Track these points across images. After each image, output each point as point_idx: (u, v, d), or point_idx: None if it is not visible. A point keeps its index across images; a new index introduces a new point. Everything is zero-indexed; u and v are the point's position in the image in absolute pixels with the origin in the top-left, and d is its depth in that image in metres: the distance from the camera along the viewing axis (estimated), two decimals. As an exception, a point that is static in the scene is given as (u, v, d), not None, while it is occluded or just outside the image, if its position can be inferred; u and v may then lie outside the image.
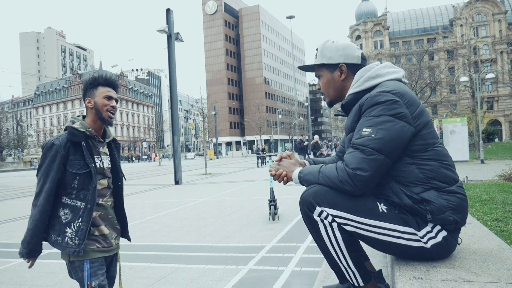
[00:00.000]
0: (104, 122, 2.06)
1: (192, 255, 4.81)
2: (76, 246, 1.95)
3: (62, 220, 1.95)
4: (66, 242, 1.94)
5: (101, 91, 2.04)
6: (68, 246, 1.94)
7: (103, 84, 2.06)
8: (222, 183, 15.58)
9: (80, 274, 1.95)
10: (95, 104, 2.03)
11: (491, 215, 4.15)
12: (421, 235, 1.63)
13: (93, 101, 2.04)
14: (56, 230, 1.96)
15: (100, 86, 2.05)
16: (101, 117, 2.04)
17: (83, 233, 1.96)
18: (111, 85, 2.09)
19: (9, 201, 13.24)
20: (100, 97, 2.03)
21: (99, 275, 1.97)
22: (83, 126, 2.00)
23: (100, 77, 2.06)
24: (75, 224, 1.95)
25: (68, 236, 1.94)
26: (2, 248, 5.83)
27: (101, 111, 2.03)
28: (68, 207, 1.95)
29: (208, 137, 61.69)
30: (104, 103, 2.03)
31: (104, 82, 2.06)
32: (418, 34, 71.36)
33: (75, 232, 1.94)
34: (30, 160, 52.90)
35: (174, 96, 16.75)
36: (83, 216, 1.96)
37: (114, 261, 2.18)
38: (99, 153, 2.07)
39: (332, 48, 1.90)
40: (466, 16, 41.68)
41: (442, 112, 44.38)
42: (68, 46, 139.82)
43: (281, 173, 1.87)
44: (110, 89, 2.07)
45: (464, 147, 18.32)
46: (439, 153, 1.69)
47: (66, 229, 1.94)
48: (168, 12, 16.51)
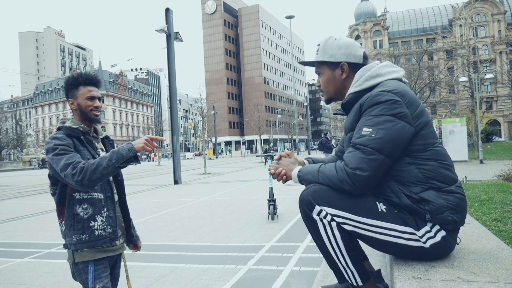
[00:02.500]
0: (92, 122, 2.04)
1: (191, 255, 4.81)
2: (111, 233, 1.96)
3: (83, 217, 1.89)
4: (96, 236, 1.90)
5: (82, 92, 1.99)
6: (100, 238, 1.91)
7: (84, 84, 2.00)
8: (221, 182, 15.58)
9: (84, 277, 1.91)
10: (79, 106, 1.99)
11: (490, 215, 4.16)
12: (420, 234, 1.63)
13: (76, 103, 2.00)
14: (78, 229, 1.88)
15: (81, 86, 1.99)
16: (87, 117, 2.01)
17: (114, 220, 1.98)
18: (92, 83, 2.03)
19: (8, 201, 13.22)
20: (82, 98, 1.99)
21: (103, 278, 1.94)
22: (75, 123, 1.98)
23: (79, 77, 2.00)
24: (103, 215, 1.93)
25: (98, 228, 1.91)
26: (2, 248, 5.82)
27: (86, 112, 1.99)
28: (86, 202, 1.90)
29: (207, 137, 61.67)
30: (87, 104, 1.99)
31: (85, 81, 2.00)
32: (418, 34, 71.42)
33: (105, 222, 1.93)
34: (29, 159, 52.83)
35: (173, 96, 16.75)
36: (107, 205, 1.96)
37: (118, 262, 2.16)
38: (97, 148, 2.06)
39: (335, 46, 1.88)
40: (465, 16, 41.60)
41: (441, 112, 44.42)
42: (67, 45, 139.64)
43: (281, 172, 1.87)
44: (91, 87, 2.01)
45: (463, 147, 18.34)
46: (439, 153, 1.69)
47: (91, 224, 1.90)
48: (167, 11, 16.50)
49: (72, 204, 1.89)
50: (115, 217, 2.01)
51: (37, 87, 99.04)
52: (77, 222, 1.88)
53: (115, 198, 2.07)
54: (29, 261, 4.99)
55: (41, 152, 57.92)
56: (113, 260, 2.09)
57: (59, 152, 1.82)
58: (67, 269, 4.47)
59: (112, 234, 1.96)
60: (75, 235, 1.88)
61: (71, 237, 1.89)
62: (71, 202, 1.89)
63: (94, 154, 1.98)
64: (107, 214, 1.95)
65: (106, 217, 1.94)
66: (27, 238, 6.48)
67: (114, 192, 2.05)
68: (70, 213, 1.89)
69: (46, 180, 8.92)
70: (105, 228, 1.93)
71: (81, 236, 1.88)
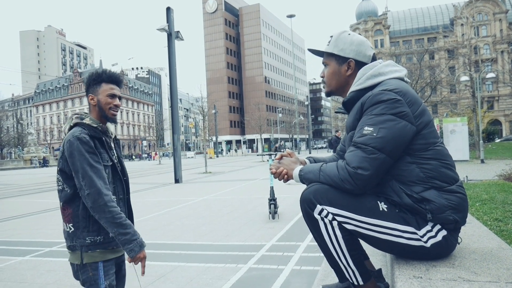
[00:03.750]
0: (108, 120, 2.01)
1: (191, 254, 4.82)
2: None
3: None
4: (111, 237, 1.88)
5: (104, 88, 1.97)
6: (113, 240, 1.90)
7: (107, 81, 1.98)
8: (222, 181, 15.59)
9: (91, 274, 1.87)
10: (98, 102, 1.97)
11: (491, 215, 4.15)
12: (421, 234, 1.63)
13: (96, 99, 1.97)
14: (94, 230, 1.86)
15: (104, 83, 1.97)
16: (104, 115, 1.98)
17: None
18: (115, 81, 2.01)
19: (10, 199, 13.24)
20: (103, 94, 1.96)
21: (110, 275, 1.92)
22: (94, 122, 1.95)
23: (103, 73, 1.99)
24: None
25: None
26: (3, 246, 5.83)
27: (104, 109, 1.97)
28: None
29: (208, 136, 61.70)
30: (107, 101, 1.96)
31: (108, 79, 1.98)
32: (419, 33, 71.30)
33: None
34: (30, 158, 52.89)
35: (174, 95, 16.75)
36: (120, 207, 1.97)
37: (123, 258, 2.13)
38: (112, 148, 2.05)
39: (347, 41, 1.87)
40: (467, 15, 41.61)
41: (443, 111, 44.35)
42: (68, 44, 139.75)
43: (282, 171, 1.87)
44: (113, 86, 2.00)
45: (464, 146, 18.31)
46: (440, 153, 1.69)
47: None
48: (168, 10, 16.49)
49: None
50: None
51: (38, 86, 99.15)
52: (93, 224, 1.86)
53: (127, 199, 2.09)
54: (30, 259, 5.00)
55: (42, 151, 58.02)
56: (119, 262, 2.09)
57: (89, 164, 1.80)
58: (68, 268, 4.48)
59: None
60: (90, 237, 1.85)
61: (84, 238, 1.85)
62: None
63: (111, 155, 1.98)
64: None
65: None
66: (28, 236, 6.49)
67: (125, 194, 2.07)
68: (85, 214, 1.85)
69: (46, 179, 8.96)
70: None
71: (96, 237, 1.86)
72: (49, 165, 52.37)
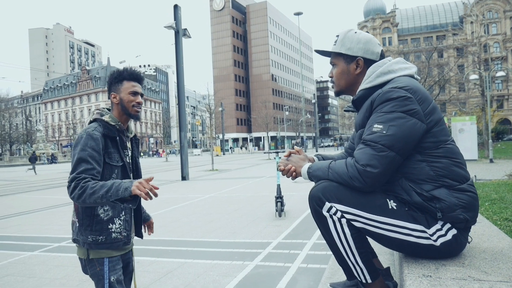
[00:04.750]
0: (132, 117, 2.01)
1: (198, 250, 4.84)
2: (125, 237, 1.97)
3: (103, 218, 1.89)
4: (113, 238, 1.90)
5: (126, 86, 1.98)
6: (116, 241, 1.92)
7: (128, 79, 1.99)
8: (228, 179, 15.61)
9: (99, 268, 1.89)
10: (121, 100, 1.98)
11: (500, 215, 4.11)
12: (430, 232, 1.61)
13: (119, 97, 1.98)
14: (96, 230, 1.87)
15: (125, 81, 1.99)
16: (128, 113, 1.99)
17: (130, 224, 2.00)
18: (137, 79, 2.02)
19: (19, 195, 13.39)
20: (125, 92, 1.97)
21: (117, 270, 1.94)
22: (113, 120, 1.95)
23: (125, 71, 2.00)
24: (120, 218, 1.94)
25: (116, 231, 1.92)
26: (12, 241, 5.91)
27: (127, 107, 1.98)
28: (108, 204, 1.88)
29: (214, 134, 61.81)
30: (129, 99, 1.98)
31: (130, 76, 2.00)
32: (427, 31, 70.66)
33: (122, 226, 1.95)
34: (39, 155, 53.42)
35: (181, 92, 16.79)
36: (125, 208, 1.98)
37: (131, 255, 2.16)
38: (127, 147, 2.04)
39: (354, 39, 1.86)
40: (477, 13, 41.07)
41: (451, 110, 43.93)
42: (76, 42, 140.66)
43: (290, 168, 1.86)
44: (135, 83, 2.01)
45: (473, 146, 18.13)
46: (451, 151, 1.67)
47: (109, 226, 1.90)
48: (175, 8, 16.51)
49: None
50: (131, 221, 2.03)
51: (46, 83, 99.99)
52: (96, 223, 1.87)
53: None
54: (39, 254, 5.06)
55: (50, 147, 58.60)
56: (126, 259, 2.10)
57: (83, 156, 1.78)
58: (76, 263, 4.53)
59: (126, 238, 1.98)
60: (92, 236, 1.87)
61: (86, 236, 1.87)
62: None
63: (123, 156, 1.98)
64: (124, 218, 1.97)
65: (123, 221, 1.96)
66: (37, 232, 6.56)
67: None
68: (89, 213, 1.87)
69: (55, 175, 9.07)
70: (121, 231, 1.95)
71: (98, 237, 1.87)
72: (57, 161, 52.87)
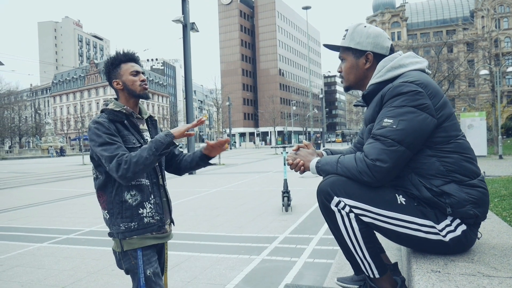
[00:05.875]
0: (141, 97, 1.96)
1: (205, 244, 4.86)
2: (159, 221, 1.91)
3: (132, 204, 1.83)
4: (145, 223, 1.84)
5: (125, 69, 1.92)
6: (149, 226, 1.86)
7: (125, 60, 1.94)
8: (235, 173, 15.64)
9: (134, 262, 1.83)
10: (125, 84, 1.92)
11: (510, 211, 4.08)
12: (439, 228, 1.60)
13: (121, 81, 1.92)
14: (127, 217, 1.82)
15: (122, 64, 1.93)
16: (135, 94, 1.93)
17: (161, 207, 1.94)
18: (132, 59, 1.96)
19: (28, 187, 13.55)
20: (126, 75, 1.92)
21: (152, 263, 1.87)
22: (118, 105, 1.89)
23: (119, 54, 1.94)
24: (150, 201, 1.88)
25: (147, 216, 1.86)
26: (21, 233, 5.98)
27: (133, 88, 1.92)
28: (134, 188, 1.83)
29: (222, 128, 61.88)
30: (133, 80, 1.92)
31: (125, 58, 1.94)
32: (437, 25, 69.77)
33: (153, 209, 1.88)
34: (47, 147, 53.99)
35: (189, 86, 16.81)
36: (154, 191, 1.91)
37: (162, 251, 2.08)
38: (139, 129, 1.97)
39: (363, 34, 1.83)
40: (488, 7, 40.49)
41: (460, 106, 43.45)
42: (85, 35, 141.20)
43: (299, 163, 1.85)
44: (133, 63, 1.95)
45: (482, 142, 17.94)
46: (461, 146, 1.65)
47: (139, 211, 1.84)
48: (184, 2, 16.49)
49: (120, 191, 1.83)
50: (162, 203, 1.96)
51: (55, 77, 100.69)
52: (126, 209, 1.82)
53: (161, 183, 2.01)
54: (48, 246, 5.12)
55: (59, 140, 59.12)
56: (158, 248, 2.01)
57: (104, 142, 1.76)
58: (84, 255, 4.59)
59: (159, 221, 1.92)
60: (123, 223, 1.82)
61: (118, 225, 1.82)
62: (119, 189, 1.83)
63: (139, 138, 1.92)
64: (154, 201, 1.90)
65: (153, 204, 1.89)
66: (46, 223, 6.63)
67: (159, 178, 1.99)
68: (118, 200, 1.82)
69: (63, 168, 9.17)
70: (153, 215, 1.89)
71: (130, 224, 1.82)
72: (65, 154, 53.37)
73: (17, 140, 74.84)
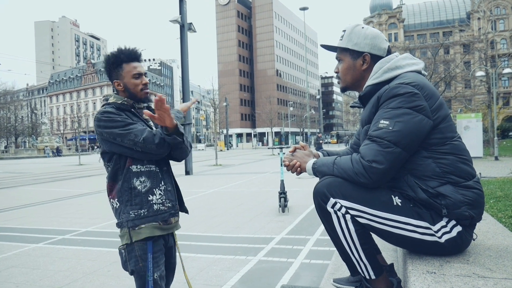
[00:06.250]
0: (142, 102, 1.90)
1: (202, 245, 4.85)
2: (171, 208, 1.87)
3: (141, 190, 1.79)
4: (155, 210, 1.80)
5: (127, 70, 1.84)
6: (160, 213, 1.81)
7: (127, 60, 1.84)
8: (232, 174, 15.64)
9: (141, 264, 1.78)
10: (126, 86, 1.85)
11: (505, 212, 4.09)
12: (435, 229, 1.60)
13: (122, 83, 1.85)
14: (136, 204, 1.78)
15: (124, 64, 1.84)
16: (136, 98, 1.87)
17: (173, 194, 1.90)
18: (135, 58, 1.87)
19: (24, 187, 13.48)
20: (128, 77, 1.84)
21: (160, 266, 1.83)
22: (119, 99, 1.85)
23: (121, 53, 1.84)
24: (161, 188, 1.84)
25: (157, 203, 1.81)
26: (17, 233, 5.95)
27: (134, 92, 1.86)
28: (143, 174, 1.79)
29: (218, 128, 61.85)
30: (135, 83, 1.85)
31: (128, 57, 1.84)
32: (434, 27, 70.04)
33: (164, 196, 1.84)
34: (43, 147, 53.75)
35: (186, 87, 16.78)
36: (164, 178, 1.87)
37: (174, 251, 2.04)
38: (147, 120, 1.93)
39: (361, 35, 1.84)
40: (484, 9, 40.73)
41: (457, 107, 43.63)
42: (81, 35, 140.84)
43: (295, 164, 1.86)
44: (135, 63, 1.85)
45: (478, 143, 18.02)
46: (457, 148, 1.66)
47: (149, 197, 1.80)
48: (181, 2, 16.46)
49: (129, 178, 1.79)
50: (174, 190, 1.92)
51: (52, 76, 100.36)
52: (135, 196, 1.78)
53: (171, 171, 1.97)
54: (44, 246, 5.10)
55: (55, 140, 58.89)
56: (168, 249, 1.97)
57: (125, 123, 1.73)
58: (80, 255, 4.57)
59: (172, 208, 1.87)
60: (133, 210, 1.77)
61: (128, 213, 1.78)
62: (128, 175, 1.79)
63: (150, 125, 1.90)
64: (165, 188, 1.85)
65: (164, 191, 1.85)
66: (42, 224, 6.60)
67: (169, 165, 1.96)
68: (127, 187, 1.78)
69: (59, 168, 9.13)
70: (164, 202, 1.84)
71: (140, 210, 1.78)
72: (62, 154, 53.16)
73: (13, 140, 74.49)
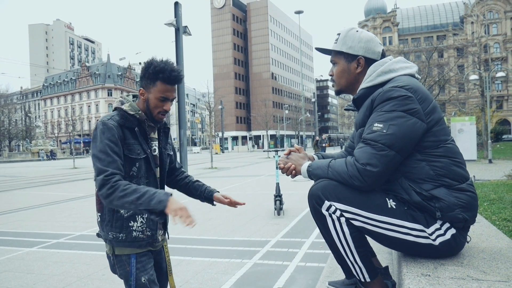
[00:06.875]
0: (153, 122, 1.83)
1: (197, 248, 4.84)
2: (149, 237, 1.82)
3: (123, 214, 1.75)
4: (133, 237, 1.76)
5: (158, 89, 1.76)
6: (137, 240, 1.77)
7: (163, 81, 1.75)
8: (227, 177, 15.62)
9: (128, 269, 1.76)
10: (148, 100, 1.79)
11: (499, 215, 4.12)
12: (429, 232, 1.61)
13: (147, 96, 1.79)
14: (116, 227, 1.74)
15: (159, 82, 1.75)
16: (151, 117, 1.81)
17: (155, 223, 1.84)
18: (173, 82, 1.78)
19: (18, 191, 13.38)
20: (155, 95, 1.77)
21: (148, 269, 1.80)
22: (133, 108, 1.77)
23: (161, 73, 1.73)
24: (143, 216, 1.78)
25: (137, 230, 1.77)
26: (11, 237, 5.90)
27: (152, 111, 1.79)
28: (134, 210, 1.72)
29: (214, 131, 61.80)
30: (157, 105, 1.78)
31: (166, 79, 1.75)
32: (428, 31, 70.67)
33: (145, 225, 1.79)
34: (37, 151, 53.37)
35: (181, 90, 16.69)
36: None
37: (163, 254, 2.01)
38: (150, 139, 1.86)
39: (355, 38, 1.85)
40: (478, 13, 41.14)
41: (451, 110, 43.95)
42: (76, 38, 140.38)
43: (290, 167, 1.86)
44: (170, 87, 1.77)
45: (472, 146, 18.15)
46: (451, 150, 1.67)
47: (129, 223, 1.76)
48: (176, 5, 16.45)
49: None
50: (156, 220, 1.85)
51: (46, 79, 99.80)
52: (116, 220, 1.75)
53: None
54: (38, 250, 5.06)
55: (50, 144, 58.52)
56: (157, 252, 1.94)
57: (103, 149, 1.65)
58: (74, 259, 4.54)
59: (150, 237, 1.83)
60: (112, 232, 1.75)
61: (107, 232, 1.76)
62: None
63: (146, 148, 1.80)
64: (147, 216, 1.77)
65: (146, 219, 1.80)
66: (36, 228, 6.55)
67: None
68: (110, 208, 1.74)
69: (54, 172, 9.11)
70: (144, 230, 1.80)
71: (118, 234, 1.75)
72: (56, 158, 52.83)
73: (7, 143, 73.95)
